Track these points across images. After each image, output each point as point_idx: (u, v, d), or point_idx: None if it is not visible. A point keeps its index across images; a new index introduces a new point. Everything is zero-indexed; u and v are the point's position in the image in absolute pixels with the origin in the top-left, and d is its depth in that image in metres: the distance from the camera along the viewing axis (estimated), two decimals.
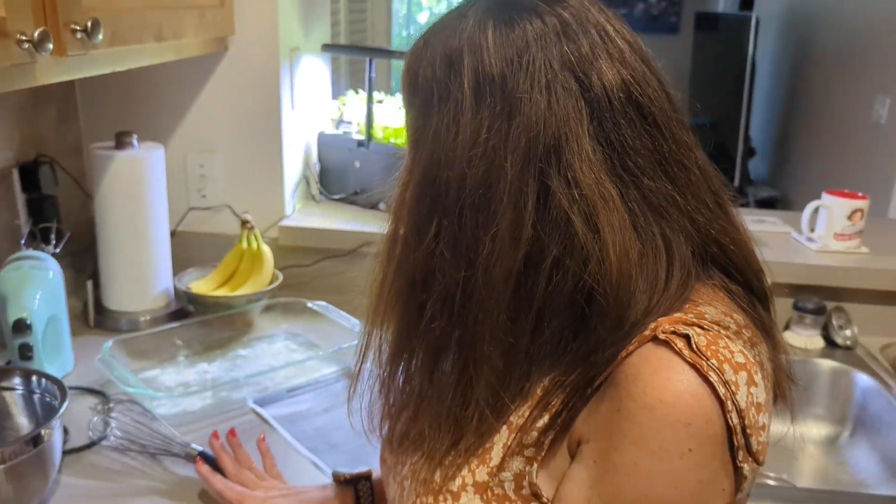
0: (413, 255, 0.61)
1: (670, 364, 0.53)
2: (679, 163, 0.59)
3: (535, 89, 0.56)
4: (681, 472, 0.53)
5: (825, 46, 3.88)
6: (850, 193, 1.56)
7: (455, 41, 0.59)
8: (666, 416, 0.52)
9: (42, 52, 0.84)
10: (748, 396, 0.53)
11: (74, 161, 1.55)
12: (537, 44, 0.57)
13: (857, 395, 1.41)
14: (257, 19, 1.48)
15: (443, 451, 0.62)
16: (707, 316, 0.56)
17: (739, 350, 0.55)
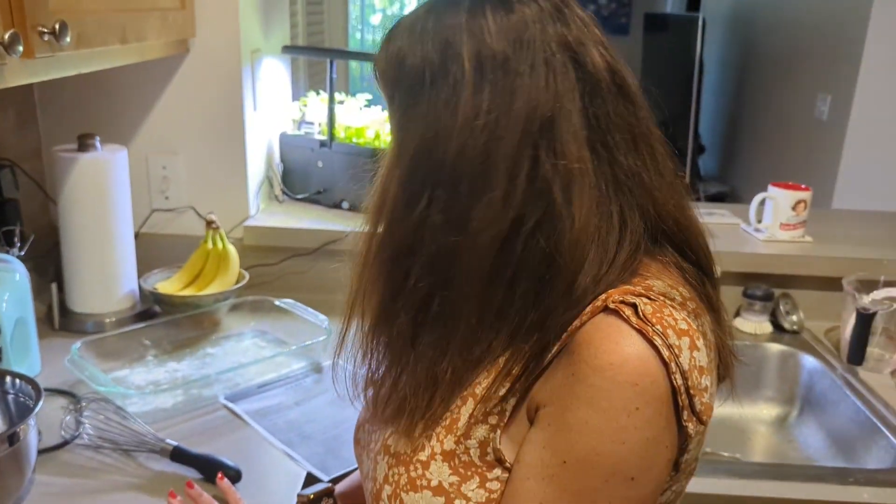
0: (402, 224, 0.64)
1: (619, 330, 0.58)
2: (648, 142, 0.64)
3: (536, 67, 0.60)
4: (628, 429, 0.57)
5: (769, 46, 4.01)
6: (794, 185, 1.63)
7: (451, 26, 0.62)
8: (614, 376, 0.56)
9: (12, 54, 0.85)
10: (691, 360, 0.58)
11: (34, 164, 1.55)
12: (535, 25, 0.61)
13: (804, 376, 1.48)
14: (218, 21, 1.50)
15: (422, 410, 0.66)
16: (654, 288, 0.61)
17: (683, 318, 0.59)
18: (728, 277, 1.55)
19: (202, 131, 1.57)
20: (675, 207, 0.66)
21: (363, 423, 0.79)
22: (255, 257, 1.58)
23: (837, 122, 3.14)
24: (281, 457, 1.07)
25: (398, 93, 0.66)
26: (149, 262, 1.51)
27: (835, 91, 3.20)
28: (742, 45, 4.42)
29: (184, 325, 1.39)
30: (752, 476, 1.09)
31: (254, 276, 1.53)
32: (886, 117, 2.99)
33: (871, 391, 1.33)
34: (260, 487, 1.00)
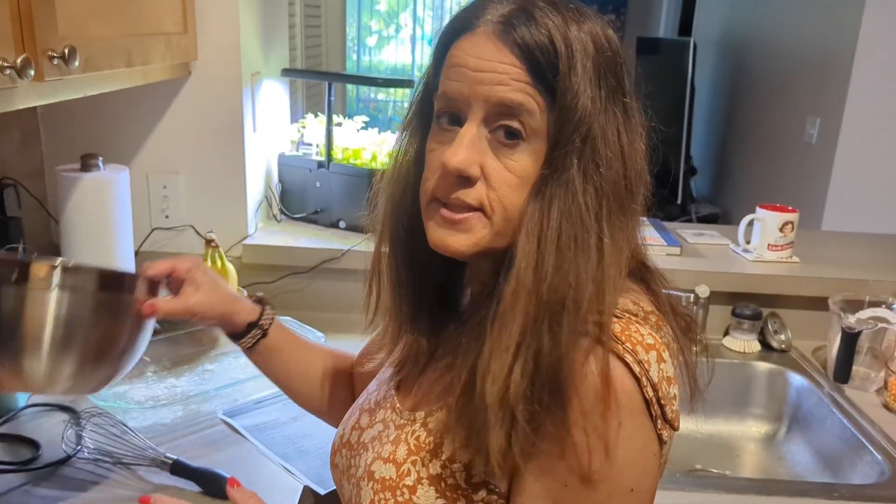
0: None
1: (592, 350, 0.60)
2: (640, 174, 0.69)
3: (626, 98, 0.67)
4: (616, 444, 0.60)
5: (759, 70, 4.07)
6: (781, 207, 1.67)
7: (601, 33, 0.65)
8: (596, 396, 0.59)
9: (24, 77, 0.88)
10: (659, 372, 0.62)
11: (37, 183, 1.58)
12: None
13: (792, 394, 1.51)
14: (220, 45, 1.53)
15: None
16: (618, 305, 0.64)
17: (648, 333, 0.63)
18: (717, 297, 1.58)
19: (202, 152, 1.60)
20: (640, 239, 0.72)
21: (339, 447, 0.80)
22: (254, 275, 1.61)
23: (826, 145, 3.19)
24: (278, 471, 1.09)
25: (597, 84, 0.67)
26: None
27: (823, 114, 3.26)
28: (732, 69, 4.49)
29: (183, 341, 1.41)
30: (740, 491, 1.11)
31: (252, 293, 1.55)
32: (874, 140, 3.04)
33: (857, 409, 1.36)
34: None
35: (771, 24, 3.94)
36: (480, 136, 0.63)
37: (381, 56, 5.79)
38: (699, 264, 1.63)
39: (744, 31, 4.34)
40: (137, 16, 1.24)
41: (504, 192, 0.62)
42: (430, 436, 0.68)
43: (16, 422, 1.17)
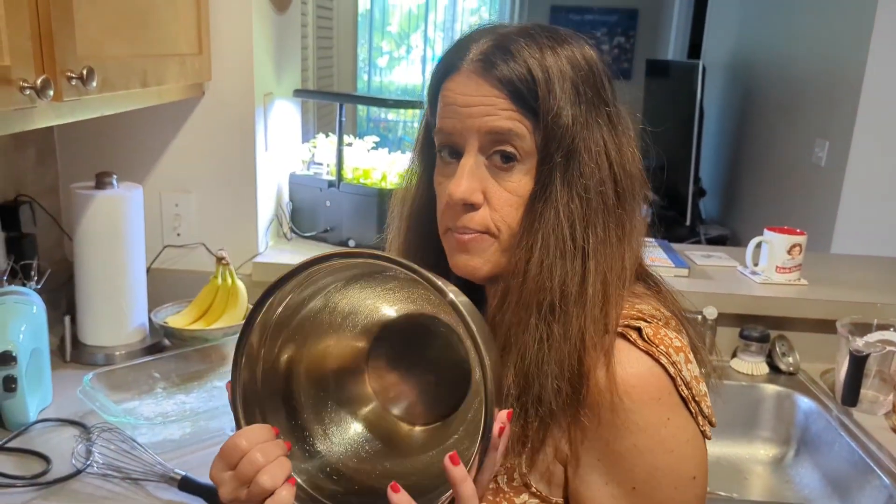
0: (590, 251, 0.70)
1: (629, 353, 0.64)
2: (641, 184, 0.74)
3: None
4: (669, 439, 0.64)
5: (768, 93, 4.09)
6: (789, 229, 1.68)
7: (582, 56, 0.70)
8: (640, 397, 0.63)
9: (44, 97, 0.90)
10: (689, 372, 0.65)
11: (51, 200, 1.60)
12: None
13: (800, 417, 1.50)
14: (233, 66, 1.56)
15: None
16: (645, 311, 0.68)
17: (675, 336, 0.67)
18: (725, 318, 1.58)
19: (215, 171, 1.62)
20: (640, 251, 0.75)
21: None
22: None
23: (835, 168, 3.19)
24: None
25: (577, 103, 0.72)
26: (159, 296, 1.55)
27: (832, 137, 3.26)
28: (741, 91, 4.50)
29: (192, 358, 1.42)
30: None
31: None
32: (883, 163, 3.04)
33: (866, 432, 1.35)
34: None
35: (780, 47, 3.96)
36: (479, 164, 0.67)
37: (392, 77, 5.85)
38: (707, 286, 1.63)
39: (753, 53, 4.36)
40: (153, 37, 1.26)
41: (506, 212, 0.67)
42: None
43: (26, 436, 1.18)
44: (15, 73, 0.88)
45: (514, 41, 0.67)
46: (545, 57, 0.66)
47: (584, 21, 5.87)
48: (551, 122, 0.65)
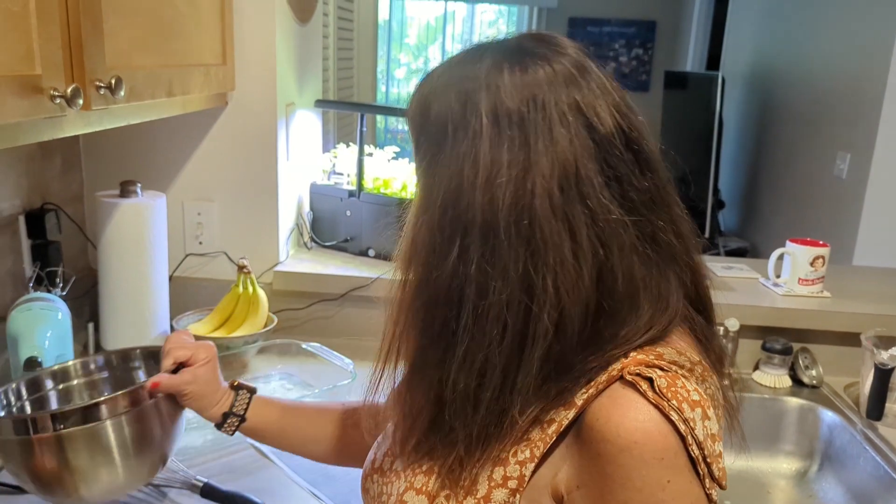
0: (435, 273, 0.65)
1: (637, 405, 0.60)
2: (665, 203, 0.66)
3: (553, 127, 0.62)
4: (666, 502, 0.59)
5: (788, 105, 4.07)
6: (812, 241, 1.66)
7: (471, 79, 0.65)
8: (641, 454, 0.59)
9: (73, 106, 0.91)
10: (704, 429, 0.60)
11: (76, 208, 1.62)
12: (549, 87, 0.63)
13: (824, 430, 1.49)
14: (257, 76, 1.57)
15: (447, 465, 0.67)
16: (665, 356, 0.63)
17: (694, 388, 0.62)
18: (747, 330, 1.57)
19: (237, 180, 1.64)
20: (696, 263, 0.69)
21: (371, 473, 0.79)
22: (284, 302, 1.63)
23: (857, 181, 3.16)
24: (307, 496, 1.10)
25: (424, 139, 0.68)
26: (181, 304, 1.56)
27: (854, 149, 3.24)
28: (761, 103, 4.48)
29: None
30: None
31: (282, 319, 1.57)
32: None
33: (891, 446, 1.34)
34: None
35: (800, 59, 3.94)
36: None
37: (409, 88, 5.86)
38: (728, 297, 1.62)
39: (773, 65, 4.35)
40: (179, 47, 1.28)
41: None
42: (463, 471, 0.67)
43: None
44: (46, 82, 0.89)
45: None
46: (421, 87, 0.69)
47: (602, 33, 5.87)
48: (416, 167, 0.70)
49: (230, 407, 0.95)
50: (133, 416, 0.90)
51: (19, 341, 1.16)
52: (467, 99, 0.64)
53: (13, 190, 1.40)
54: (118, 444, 0.89)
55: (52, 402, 1.03)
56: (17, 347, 1.16)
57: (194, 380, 0.93)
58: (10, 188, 1.39)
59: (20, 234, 1.41)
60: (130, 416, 0.89)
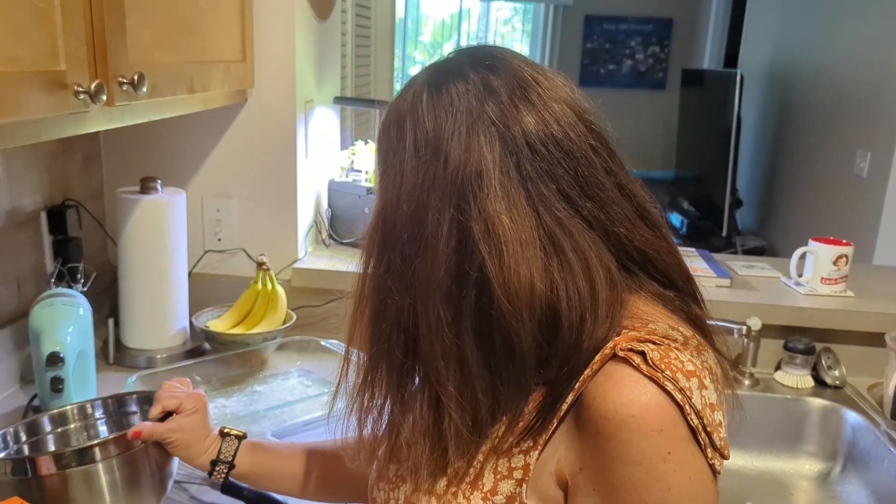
0: (373, 287, 0.69)
1: (632, 380, 0.60)
2: (597, 185, 0.66)
3: (456, 136, 0.65)
4: (668, 474, 0.59)
5: (808, 102, 4.03)
6: (835, 240, 1.64)
7: (401, 108, 0.69)
8: (639, 428, 0.59)
9: (97, 102, 0.91)
10: (701, 399, 0.60)
11: (96, 204, 1.62)
12: (461, 99, 0.66)
13: (847, 431, 1.47)
14: (276, 73, 1.57)
15: (429, 469, 0.67)
16: (657, 332, 0.63)
17: (688, 359, 0.62)
18: (769, 330, 1.55)
19: (256, 177, 1.64)
20: (643, 242, 0.68)
21: (377, 482, 0.79)
22: (303, 298, 1.63)
23: (878, 179, 3.13)
24: None
25: (378, 158, 0.73)
26: (200, 300, 1.56)
27: (874, 148, 3.20)
28: (780, 101, 4.44)
29: (232, 362, 1.43)
30: None
31: (300, 316, 1.57)
32: None
33: None
34: None
35: (820, 56, 3.90)
36: None
37: None
38: (750, 296, 1.61)
39: (792, 62, 4.31)
40: (200, 44, 1.28)
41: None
42: (470, 467, 0.67)
43: None
44: (70, 77, 0.90)
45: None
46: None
47: (618, 30, 5.84)
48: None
49: (217, 454, 0.95)
50: (121, 461, 0.91)
51: (41, 337, 1.16)
52: (399, 127, 0.68)
53: (35, 186, 1.41)
54: (109, 486, 0.90)
55: (50, 445, 1.04)
56: (40, 343, 1.16)
57: (179, 429, 0.94)
58: (32, 184, 1.40)
59: (42, 230, 1.42)
60: (119, 460, 0.90)
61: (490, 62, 0.68)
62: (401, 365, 0.68)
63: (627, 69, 5.85)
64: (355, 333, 0.72)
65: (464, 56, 0.71)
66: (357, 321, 0.71)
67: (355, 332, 0.72)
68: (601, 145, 0.68)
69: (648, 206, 0.70)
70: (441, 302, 0.64)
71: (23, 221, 1.38)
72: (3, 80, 0.79)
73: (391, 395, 0.71)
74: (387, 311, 0.67)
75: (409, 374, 0.69)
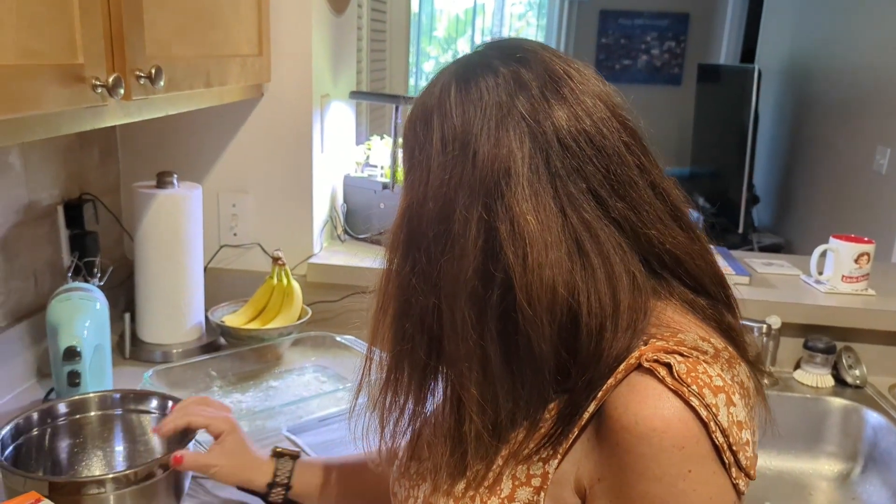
0: (397, 285, 0.68)
1: (655, 392, 0.58)
2: (629, 183, 0.64)
3: (485, 131, 0.63)
4: (687, 492, 0.57)
5: (826, 98, 3.98)
6: (856, 238, 1.62)
7: (428, 102, 0.68)
8: (660, 443, 0.57)
9: (115, 96, 0.91)
10: (728, 416, 0.58)
11: (112, 199, 1.62)
12: (490, 93, 0.65)
13: (868, 432, 1.45)
14: (292, 68, 1.57)
15: (448, 471, 0.66)
16: (686, 342, 0.61)
17: (717, 374, 0.60)
18: (788, 328, 1.53)
19: (272, 172, 1.63)
20: (675, 245, 0.66)
21: (399, 478, 0.79)
22: (318, 294, 1.63)
23: None
24: None
25: (404, 154, 0.71)
26: (216, 295, 1.56)
27: (895, 144, 3.16)
28: (798, 96, 4.40)
29: (248, 357, 1.43)
30: None
31: (316, 312, 1.57)
32: None
33: None
34: None
35: (839, 51, 3.86)
36: None
37: None
38: (769, 294, 1.59)
39: (810, 57, 4.26)
40: (217, 38, 1.27)
41: None
42: (489, 471, 0.66)
43: None
44: (88, 71, 0.89)
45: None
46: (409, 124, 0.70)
47: (633, 25, 5.80)
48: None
49: (273, 476, 0.94)
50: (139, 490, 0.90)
51: (59, 330, 1.16)
52: (426, 122, 0.67)
53: (52, 181, 1.41)
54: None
55: (64, 433, 1.04)
56: (57, 336, 1.16)
57: (221, 455, 0.94)
58: (49, 179, 1.40)
59: (59, 224, 1.42)
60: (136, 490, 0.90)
61: (521, 55, 0.67)
62: (424, 365, 0.67)
63: (643, 65, 5.80)
64: (378, 332, 0.70)
65: (493, 49, 0.69)
66: (380, 320, 0.70)
67: (378, 330, 0.70)
68: (634, 142, 0.66)
69: (683, 207, 0.68)
70: (467, 302, 0.63)
71: (40, 216, 1.38)
72: (22, 73, 0.79)
73: (413, 394, 0.69)
74: (411, 310, 0.66)
75: (431, 375, 0.68)
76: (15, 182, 1.31)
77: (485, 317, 0.63)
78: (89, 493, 0.87)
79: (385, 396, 0.71)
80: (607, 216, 0.63)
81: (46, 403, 1.06)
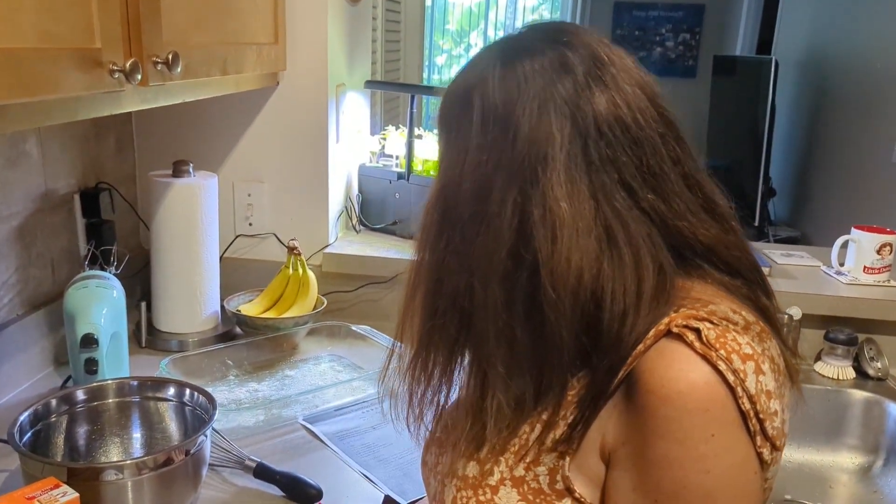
0: (430, 262, 0.69)
1: (683, 356, 0.58)
2: (661, 175, 0.64)
3: (527, 113, 0.63)
4: (709, 457, 0.57)
5: (844, 89, 3.94)
6: (878, 228, 1.60)
7: (469, 81, 0.67)
8: (684, 405, 0.57)
9: (132, 81, 0.91)
10: (757, 384, 0.58)
11: (128, 188, 1.62)
12: (535, 75, 0.64)
13: (890, 425, 1.43)
14: (308, 57, 1.56)
15: (469, 440, 0.68)
16: (717, 312, 0.61)
17: (747, 342, 0.59)
18: (809, 320, 1.51)
19: (287, 161, 1.63)
20: (707, 236, 0.66)
21: (429, 444, 0.80)
22: (333, 284, 1.62)
23: None
24: (359, 479, 1.09)
25: (439, 138, 0.71)
26: (231, 284, 1.56)
27: None
28: (814, 88, 4.35)
29: (264, 346, 1.43)
30: None
31: (331, 301, 1.56)
32: None
33: None
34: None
35: (857, 42, 3.81)
36: None
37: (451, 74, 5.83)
38: (790, 285, 1.57)
39: (828, 48, 4.21)
40: (233, 26, 1.27)
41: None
42: (515, 437, 0.66)
43: None
44: (105, 56, 0.89)
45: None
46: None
47: (648, 17, 5.75)
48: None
49: None
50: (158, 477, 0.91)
51: (76, 318, 1.16)
52: (466, 100, 0.66)
53: (69, 169, 1.41)
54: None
55: (82, 419, 1.05)
56: (74, 324, 1.17)
57: None
58: (66, 167, 1.40)
59: (75, 212, 1.42)
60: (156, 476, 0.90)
61: (567, 38, 0.66)
62: (454, 341, 0.68)
63: (657, 57, 5.75)
64: (410, 307, 0.71)
65: (537, 31, 0.69)
66: (412, 297, 0.70)
67: (410, 306, 0.71)
68: (670, 132, 0.66)
69: (717, 198, 0.68)
70: (499, 283, 0.63)
71: (57, 204, 1.38)
72: (40, 56, 0.79)
73: (440, 367, 0.70)
74: (443, 288, 0.67)
75: (460, 350, 0.69)
76: (32, 171, 1.32)
77: (513, 297, 0.63)
78: (107, 479, 0.87)
79: (414, 368, 0.72)
80: (637, 207, 0.63)
81: (65, 390, 1.06)
